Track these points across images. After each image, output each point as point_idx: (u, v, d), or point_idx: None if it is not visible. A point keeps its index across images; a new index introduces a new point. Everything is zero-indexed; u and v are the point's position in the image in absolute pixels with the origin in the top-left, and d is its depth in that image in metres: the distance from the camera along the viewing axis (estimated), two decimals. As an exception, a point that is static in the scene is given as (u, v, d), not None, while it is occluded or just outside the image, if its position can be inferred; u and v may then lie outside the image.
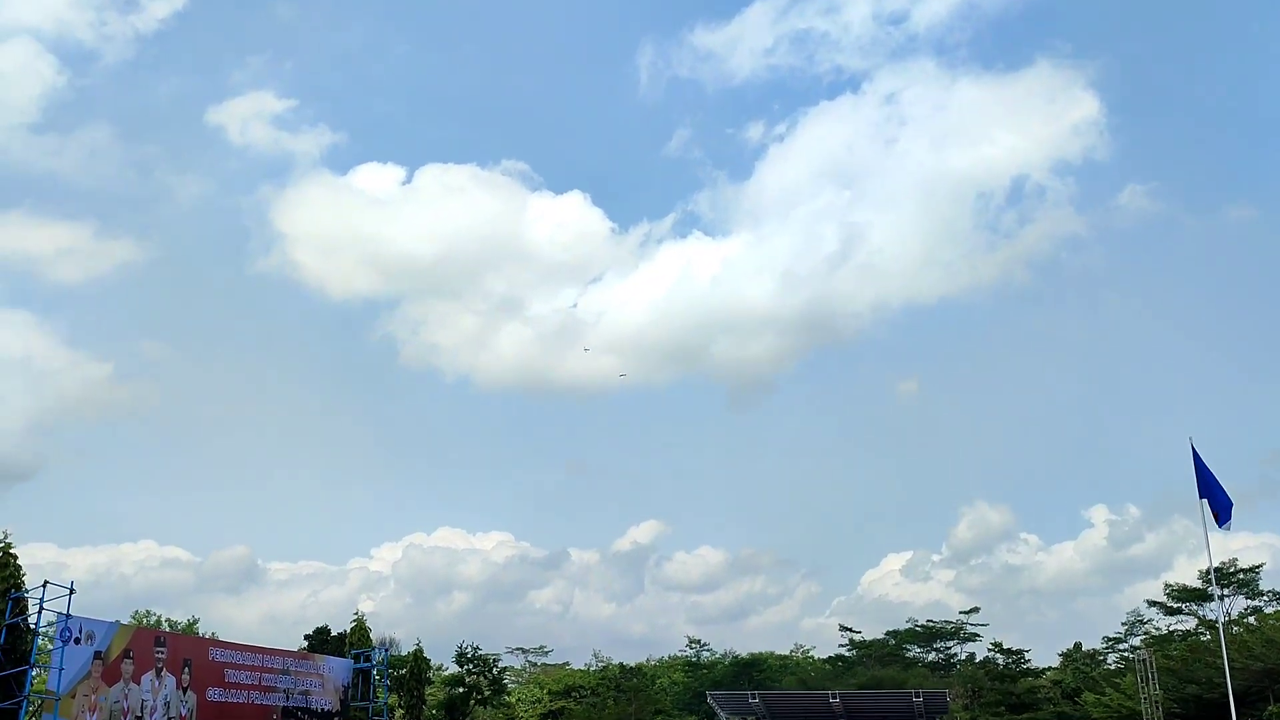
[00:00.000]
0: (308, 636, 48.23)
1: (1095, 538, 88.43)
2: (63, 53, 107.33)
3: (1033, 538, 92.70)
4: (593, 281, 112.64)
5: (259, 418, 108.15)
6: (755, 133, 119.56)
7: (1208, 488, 24.08)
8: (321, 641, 45.39)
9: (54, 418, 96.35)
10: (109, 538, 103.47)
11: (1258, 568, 53.94)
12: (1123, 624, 61.46)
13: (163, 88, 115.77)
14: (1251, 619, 50.23)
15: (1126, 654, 57.40)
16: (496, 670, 57.59)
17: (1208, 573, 48.28)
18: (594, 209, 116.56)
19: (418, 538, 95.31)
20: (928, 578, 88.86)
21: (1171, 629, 56.77)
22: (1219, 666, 31.07)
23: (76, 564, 76.66)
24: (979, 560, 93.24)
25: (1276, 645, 37.62)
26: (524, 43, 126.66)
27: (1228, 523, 23.87)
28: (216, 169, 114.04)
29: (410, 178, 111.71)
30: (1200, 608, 55.32)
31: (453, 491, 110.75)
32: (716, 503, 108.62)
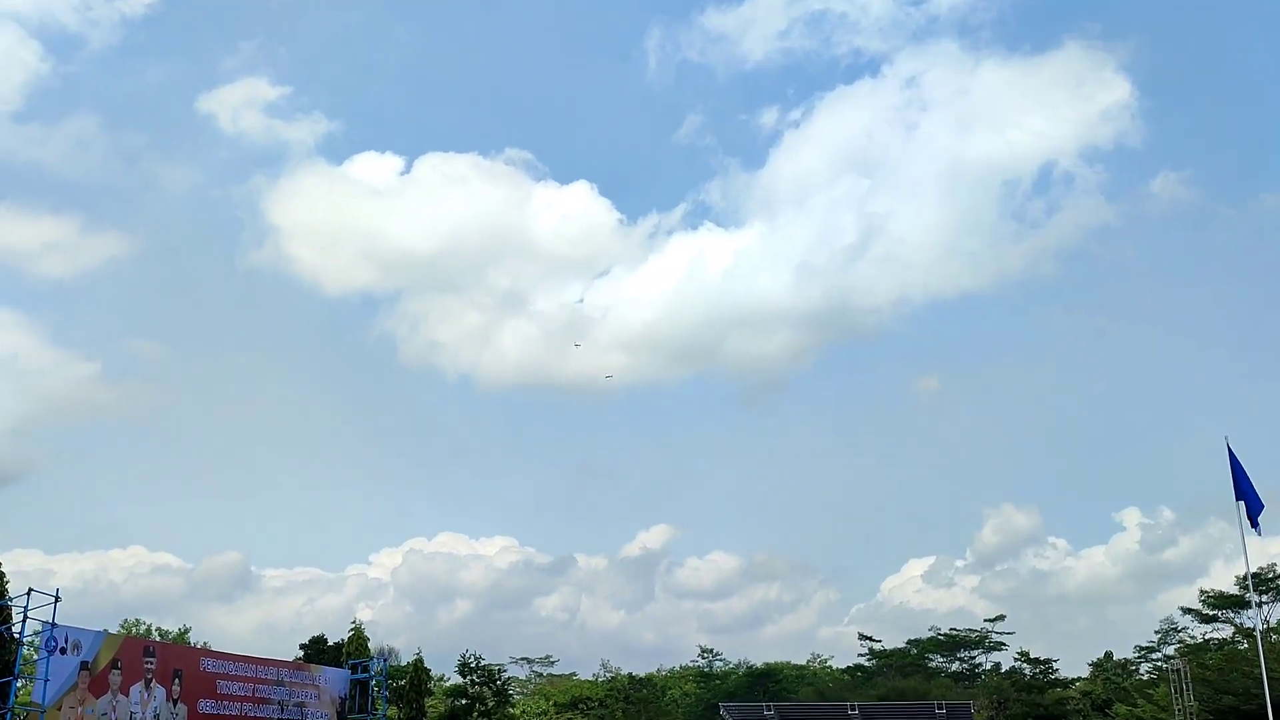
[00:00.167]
0: (303, 646, 48.41)
1: (1127, 542, 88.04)
2: (46, 38, 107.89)
3: (1061, 542, 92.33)
4: (600, 275, 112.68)
5: (252, 418, 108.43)
6: (769, 119, 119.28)
7: (1244, 489, 24.00)
8: (318, 651, 45.52)
9: (40, 419, 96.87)
10: (97, 543, 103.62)
11: (1298, 573, 53.75)
12: (1156, 632, 61.32)
13: (151, 74, 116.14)
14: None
15: (1160, 664, 57.24)
16: (500, 681, 57.59)
17: (1245, 578, 47.91)
18: (601, 199, 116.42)
19: (418, 543, 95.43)
20: (951, 584, 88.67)
21: (1207, 637, 56.50)
22: (1256, 677, 30.85)
23: (63, 571, 76.94)
24: (1005, 565, 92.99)
25: (1317, 654, 37.33)
26: (528, 26, 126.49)
27: (1258, 526, 23.86)
28: (207, 159, 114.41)
29: (409, 167, 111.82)
30: (1237, 615, 55.05)
31: (454, 495, 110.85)
32: (729, 506, 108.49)
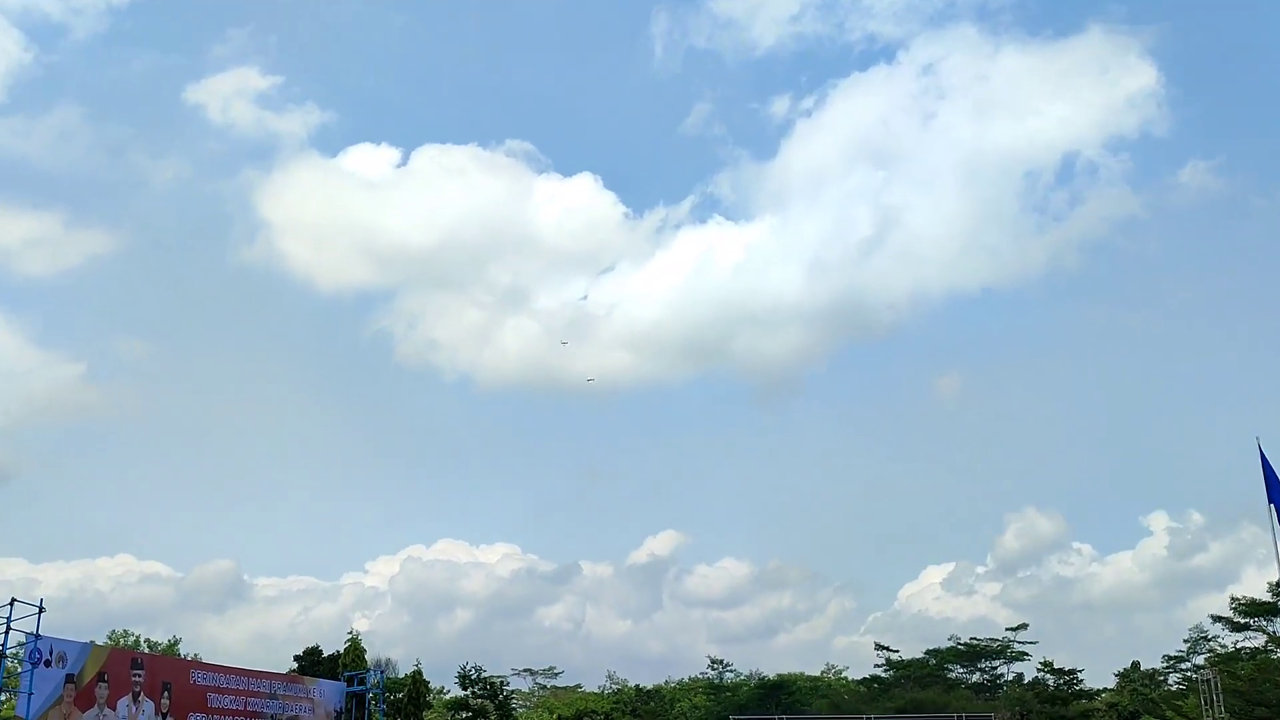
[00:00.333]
0: (298, 658, 48.60)
1: (1155, 547, 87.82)
2: (29, 27, 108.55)
3: (1086, 547, 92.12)
4: (604, 271, 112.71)
5: (244, 421, 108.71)
6: (781, 107, 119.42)
7: (1276, 491, 23.92)
8: (313, 663, 45.68)
9: (23, 422, 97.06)
10: (83, 551, 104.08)
11: (1333, 579, 53.50)
12: (1185, 641, 61.03)
13: (137, 64, 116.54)
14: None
15: (1189, 674, 57.06)
16: (503, 694, 57.69)
17: (1278, 585, 47.64)
18: (605, 192, 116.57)
19: (416, 550, 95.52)
20: (971, 591, 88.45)
21: (1239, 646, 56.22)
22: (1291, 687, 30.75)
23: (48, 580, 77.15)
24: (1027, 572, 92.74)
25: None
26: (528, 11, 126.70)
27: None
28: (196, 152, 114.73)
29: (406, 160, 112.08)
30: (1270, 623, 54.75)
31: (454, 500, 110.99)
32: (740, 511, 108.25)
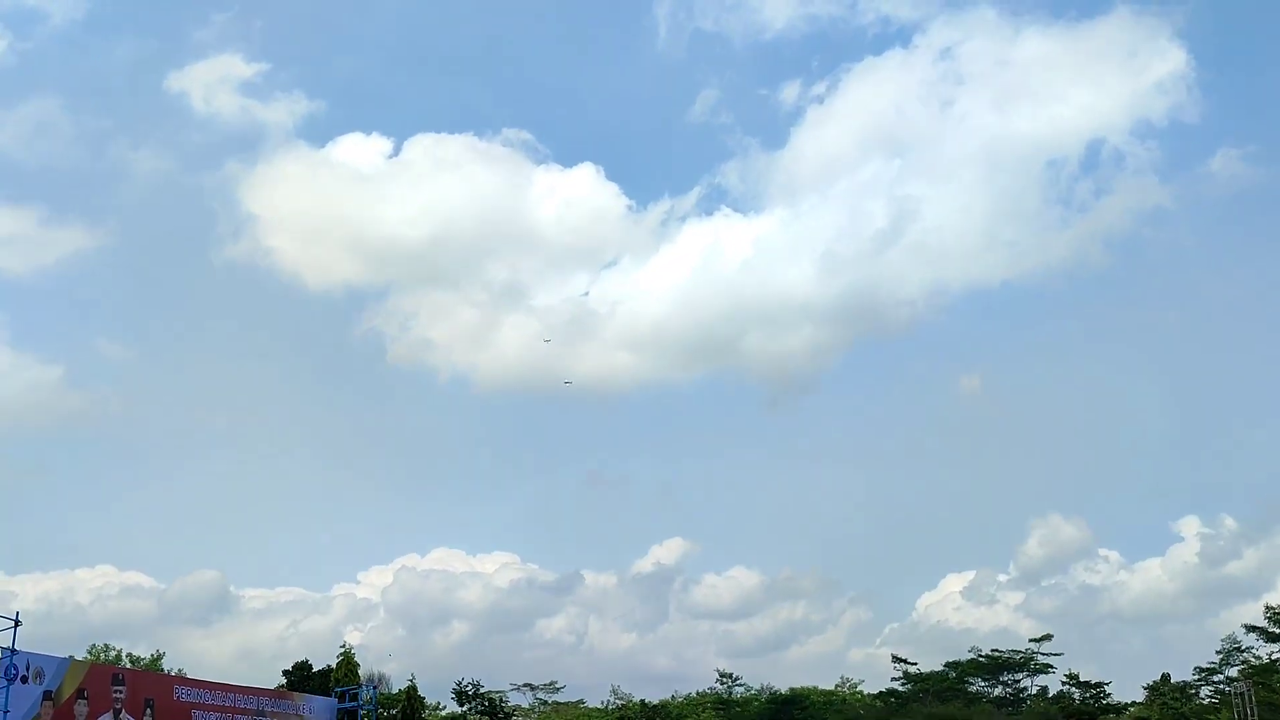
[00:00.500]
0: (286, 673, 48.08)
1: (1185, 554, 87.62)
2: (3, 13, 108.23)
3: (1113, 554, 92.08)
4: (607, 266, 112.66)
5: (230, 426, 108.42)
6: (791, 94, 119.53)
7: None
8: (302, 678, 45.36)
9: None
10: (61, 562, 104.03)
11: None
12: (1217, 652, 61.08)
13: (117, 51, 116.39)
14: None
15: (1222, 686, 56.93)
16: (502, 710, 57.13)
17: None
18: (608, 184, 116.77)
19: (410, 560, 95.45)
20: (993, 601, 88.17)
21: (1274, 658, 56.23)
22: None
23: (25, 592, 76.93)
24: (1052, 581, 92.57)
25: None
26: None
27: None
28: (178, 143, 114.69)
29: (398, 150, 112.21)
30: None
31: (450, 507, 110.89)
32: (750, 518, 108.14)
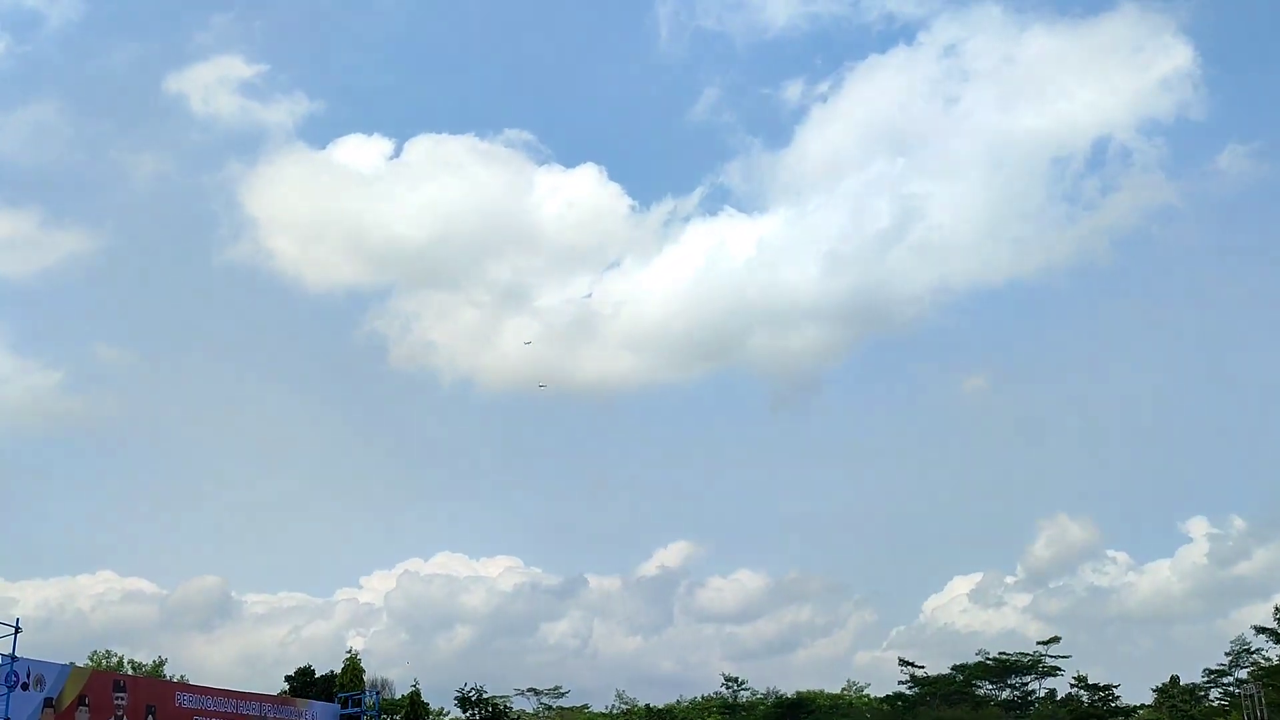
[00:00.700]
0: (289, 678, 48.42)
1: (1194, 555, 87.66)
2: (1, 15, 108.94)
3: (1121, 555, 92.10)
4: (610, 267, 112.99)
5: (231, 430, 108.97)
6: (794, 92, 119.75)
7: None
8: (305, 684, 45.56)
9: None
10: (62, 568, 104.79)
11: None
12: (1227, 654, 61.07)
13: (116, 53, 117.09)
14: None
15: (1232, 688, 56.89)
16: (506, 716, 57.45)
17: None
18: (610, 184, 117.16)
19: (413, 564, 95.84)
20: (1000, 603, 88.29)
21: (1284, 659, 56.11)
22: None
23: (26, 599, 77.47)
24: (1059, 582, 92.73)
25: None
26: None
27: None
28: (178, 145, 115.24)
29: (399, 151, 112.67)
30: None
31: (453, 511, 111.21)
32: (756, 519, 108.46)
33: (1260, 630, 58.89)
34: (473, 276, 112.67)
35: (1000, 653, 67.41)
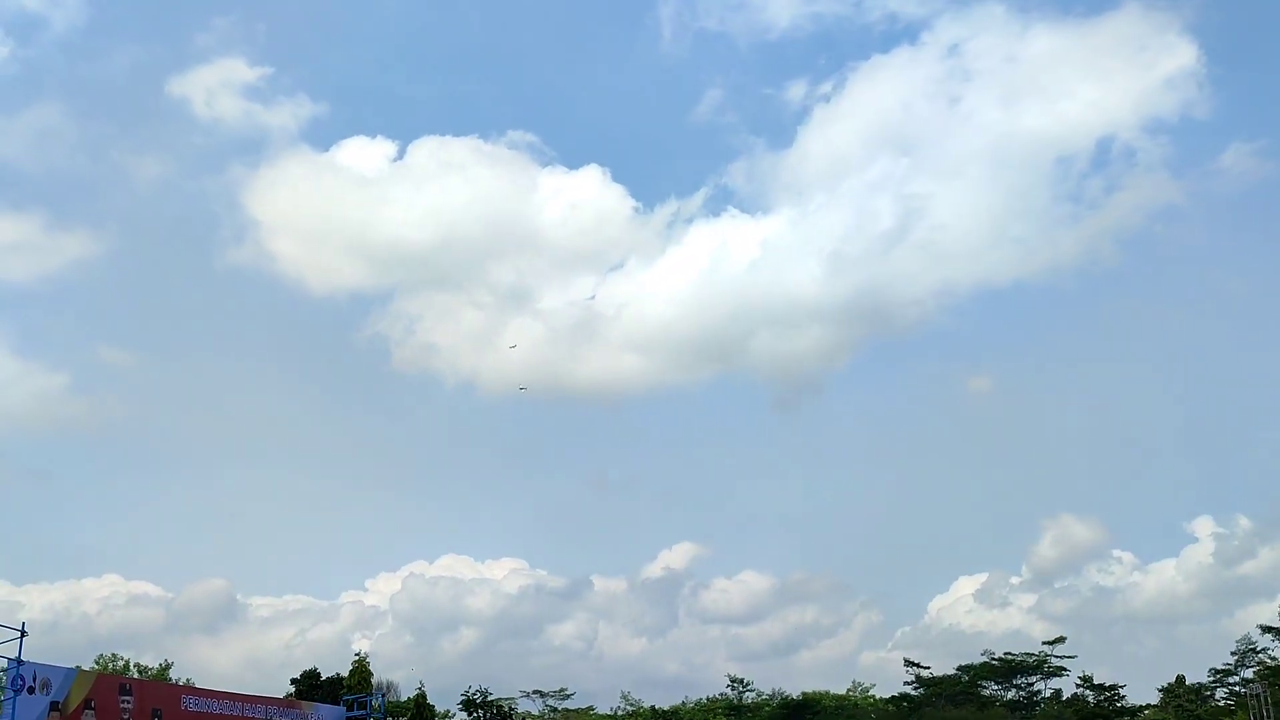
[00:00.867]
0: (294, 681, 48.89)
1: (1200, 554, 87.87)
2: (4, 20, 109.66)
3: (1127, 555, 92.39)
4: (613, 269, 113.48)
5: (235, 433, 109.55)
6: (797, 93, 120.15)
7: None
8: (310, 686, 45.98)
9: (2, 437, 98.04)
10: (68, 572, 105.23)
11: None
12: (1233, 654, 61.27)
13: (119, 57, 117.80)
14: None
15: (1238, 688, 57.08)
16: (511, 718, 57.84)
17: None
18: (613, 186, 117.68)
19: (418, 567, 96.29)
20: (1006, 603, 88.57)
21: (1289, 658, 56.29)
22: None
23: (31, 603, 78.06)
24: (1065, 582, 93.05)
25: None
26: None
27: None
28: (181, 148, 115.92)
29: (402, 153, 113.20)
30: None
31: (457, 513, 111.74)
32: (760, 521, 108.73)
33: (1266, 630, 59.18)
34: (476, 278, 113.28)
35: (1005, 653, 67.73)
